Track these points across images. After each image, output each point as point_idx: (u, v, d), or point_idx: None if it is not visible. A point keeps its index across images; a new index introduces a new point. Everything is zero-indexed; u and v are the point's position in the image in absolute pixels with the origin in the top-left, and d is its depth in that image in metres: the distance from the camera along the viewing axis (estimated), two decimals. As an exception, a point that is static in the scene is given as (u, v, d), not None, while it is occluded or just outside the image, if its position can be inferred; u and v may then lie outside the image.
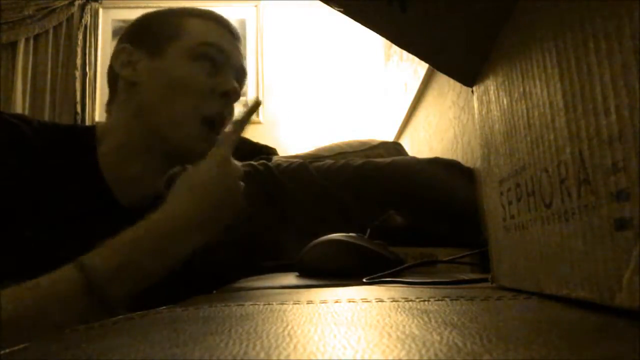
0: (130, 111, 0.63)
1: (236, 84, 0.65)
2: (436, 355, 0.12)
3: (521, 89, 0.27)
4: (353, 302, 0.26)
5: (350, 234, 0.62)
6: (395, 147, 1.32)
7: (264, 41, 2.87)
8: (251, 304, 0.26)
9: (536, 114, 0.25)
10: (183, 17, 0.66)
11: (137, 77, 0.63)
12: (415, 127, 1.69)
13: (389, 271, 0.50)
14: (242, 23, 2.88)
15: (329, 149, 1.32)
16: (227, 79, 0.64)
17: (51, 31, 2.86)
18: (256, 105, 0.62)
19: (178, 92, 0.62)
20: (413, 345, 0.14)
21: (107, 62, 0.70)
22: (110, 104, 0.68)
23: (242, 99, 0.69)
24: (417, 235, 0.77)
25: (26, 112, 2.73)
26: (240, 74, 0.69)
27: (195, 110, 0.62)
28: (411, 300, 0.25)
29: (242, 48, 0.72)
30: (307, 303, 0.26)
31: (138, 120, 0.63)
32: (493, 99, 0.32)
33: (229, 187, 0.55)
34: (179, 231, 0.51)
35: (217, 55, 0.64)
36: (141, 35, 0.66)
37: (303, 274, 0.61)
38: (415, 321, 0.18)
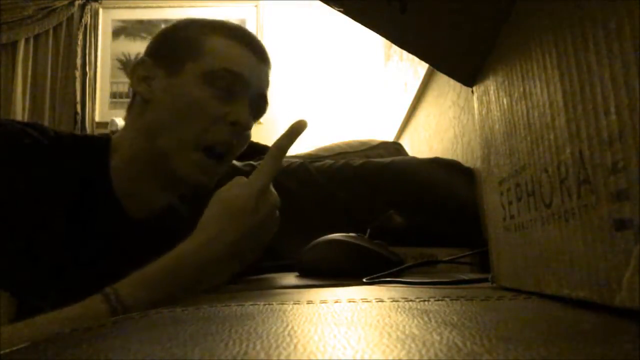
0: (141, 128, 0.62)
1: (247, 114, 0.63)
2: (436, 355, 0.12)
3: (521, 89, 0.27)
4: (353, 302, 0.26)
5: (350, 234, 0.62)
6: (395, 147, 1.32)
7: (264, 41, 2.86)
8: (251, 304, 0.26)
9: (536, 114, 0.25)
10: (206, 34, 0.63)
11: (151, 94, 0.62)
12: (415, 127, 1.69)
13: (389, 271, 0.50)
14: (242, 23, 2.88)
15: (329, 149, 1.32)
16: (239, 108, 0.62)
17: (51, 31, 2.86)
18: (300, 127, 0.55)
19: (187, 115, 0.60)
20: (413, 345, 0.14)
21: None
22: (128, 113, 0.67)
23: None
24: (417, 235, 0.77)
25: (26, 112, 2.74)
26: (259, 101, 0.66)
27: (201, 136, 0.60)
28: (411, 300, 0.25)
29: (269, 71, 0.68)
30: (307, 303, 0.26)
31: (146, 139, 0.62)
32: (493, 99, 0.32)
33: (265, 219, 0.51)
34: (209, 263, 0.49)
35: (234, 82, 0.61)
36: (161, 50, 0.65)
37: (303, 274, 0.61)
38: (415, 321, 0.18)
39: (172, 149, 0.60)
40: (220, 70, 0.61)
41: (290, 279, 0.56)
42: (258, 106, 0.66)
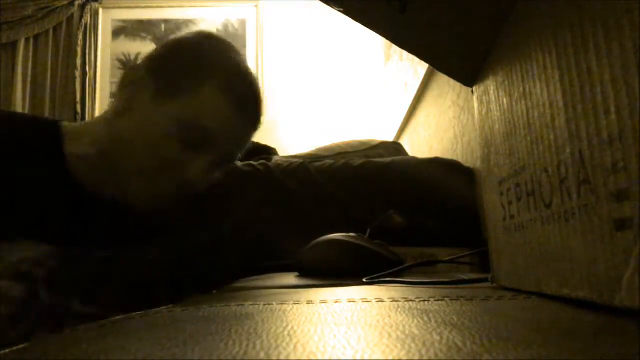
0: (111, 132, 0.62)
1: (203, 173, 0.61)
2: (436, 355, 0.12)
3: (521, 89, 0.27)
4: (353, 302, 0.26)
5: (350, 234, 0.62)
6: (395, 147, 1.32)
7: (264, 41, 2.87)
8: (251, 304, 0.26)
9: (536, 114, 0.25)
10: (204, 80, 0.61)
11: (131, 104, 0.61)
12: (415, 127, 1.69)
13: (389, 271, 0.50)
14: (242, 23, 2.88)
15: (329, 149, 1.32)
16: (198, 164, 0.61)
17: (51, 31, 2.86)
18: None
19: (151, 147, 0.59)
20: (413, 345, 0.14)
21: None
22: (109, 107, 0.66)
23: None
24: (417, 235, 0.77)
25: (26, 112, 2.73)
26: (225, 160, 0.65)
27: (156, 168, 0.60)
28: (411, 300, 0.25)
29: (253, 134, 0.66)
30: (307, 303, 0.26)
31: (110, 144, 0.61)
32: (493, 99, 0.32)
33: None
34: None
35: (204, 140, 0.60)
36: (159, 70, 0.63)
37: (303, 274, 0.61)
38: (415, 321, 0.18)
39: (128, 167, 0.60)
40: (195, 125, 0.59)
41: (290, 279, 0.56)
42: (222, 163, 0.65)
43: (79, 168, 0.61)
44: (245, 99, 0.63)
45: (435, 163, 0.98)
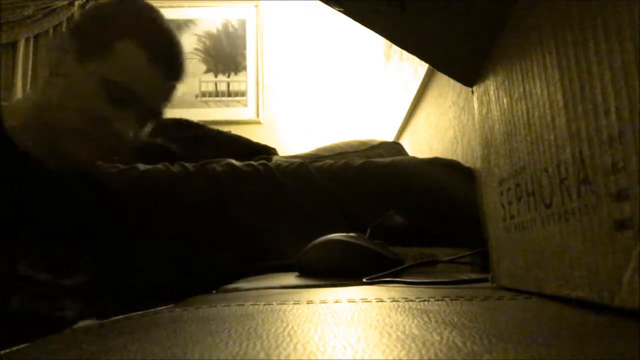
0: (40, 100, 0.64)
1: (128, 128, 0.64)
2: (436, 355, 0.12)
3: (521, 89, 0.27)
4: (353, 302, 0.26)
5: (350, 234, 0.62)
6: (395, 147, 1.32)
7: (264, 41, 2.87)
8: (251, 304, 0.26)
9: (536, 114, 0.25)
10: (121, 37, 0.63)
11: (55, 70, 0.63)
12: (415, 127, 1.69)
13: (389, 271, 0.50)
14: (242, 23, 2.88)
15: (329, 149, 1.32)
16: (123, 120, 0.63)
17: (51, 31, 2.86)
18: None
19: (78, 107, 0.62)
20: (413, 345, 0.14)
21: None
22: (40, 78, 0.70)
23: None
24: (417, 235, 0.77)
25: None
26: (150, 115, 0.67)
27: (85, 128, 0.62)
28: (411, 300, 0.25)
29: (175, 86, 0.68)
30: (307, 303, 0.26)
31: (41, 113, 0.63)
32: (493, 99, 0.32)
33: None
34: None
35: (125, 95, 0.62)
36: (80, 30, 0.66)
37: (303, 274, 0.61)
38: (415, 321, 0.18)
39: (61, 129, 0.62)
40: (116, 82, 0.62)
41: (290, 279, 0.56)
42: (149, 117, 0.67)
43: (19, 138, 0.63)
44: (163, 52, 0.66)
45: (435, 163, 0.98)
